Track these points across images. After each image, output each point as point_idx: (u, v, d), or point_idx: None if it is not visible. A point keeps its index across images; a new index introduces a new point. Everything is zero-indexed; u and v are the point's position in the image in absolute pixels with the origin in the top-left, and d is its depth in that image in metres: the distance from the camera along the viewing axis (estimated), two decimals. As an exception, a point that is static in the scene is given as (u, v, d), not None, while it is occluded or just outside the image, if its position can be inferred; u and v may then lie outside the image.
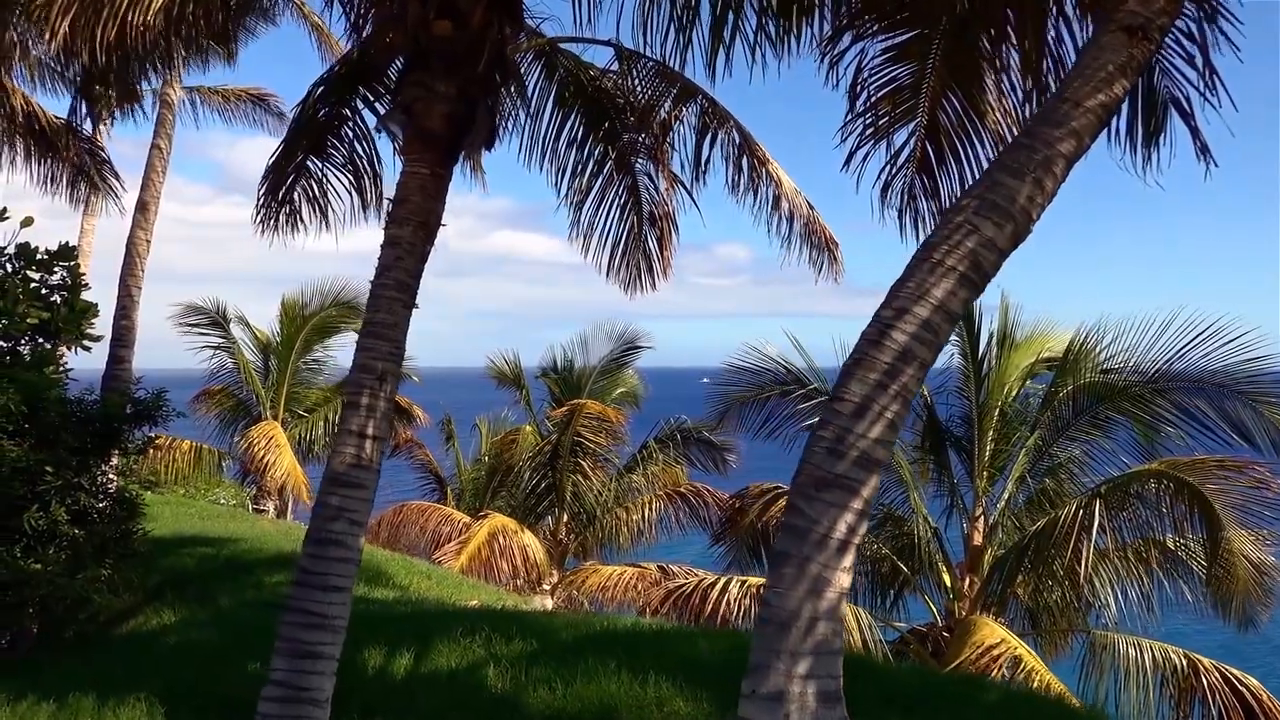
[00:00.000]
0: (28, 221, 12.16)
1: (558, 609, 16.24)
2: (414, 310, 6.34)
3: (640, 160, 9.23)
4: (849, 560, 3.80)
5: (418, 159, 6.37)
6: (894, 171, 7.85)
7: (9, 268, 10.54)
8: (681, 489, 18.94)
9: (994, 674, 9.99)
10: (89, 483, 9.83)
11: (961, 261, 3.82)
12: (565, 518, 19.02)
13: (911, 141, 7.73)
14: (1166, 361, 11.58)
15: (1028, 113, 6.97)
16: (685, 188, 9.26)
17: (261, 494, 20.38)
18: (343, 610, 5.87)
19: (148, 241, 14.47)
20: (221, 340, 21.11)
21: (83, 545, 9.35)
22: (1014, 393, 13.46)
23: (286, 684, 5.66)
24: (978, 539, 12.92)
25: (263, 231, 8.15)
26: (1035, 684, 9.56)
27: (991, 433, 13.12)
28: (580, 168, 9.04)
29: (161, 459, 18.44)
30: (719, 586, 13.08)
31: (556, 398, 19.83)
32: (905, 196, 7.95)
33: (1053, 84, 5.66)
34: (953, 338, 14.37)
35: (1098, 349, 12.56)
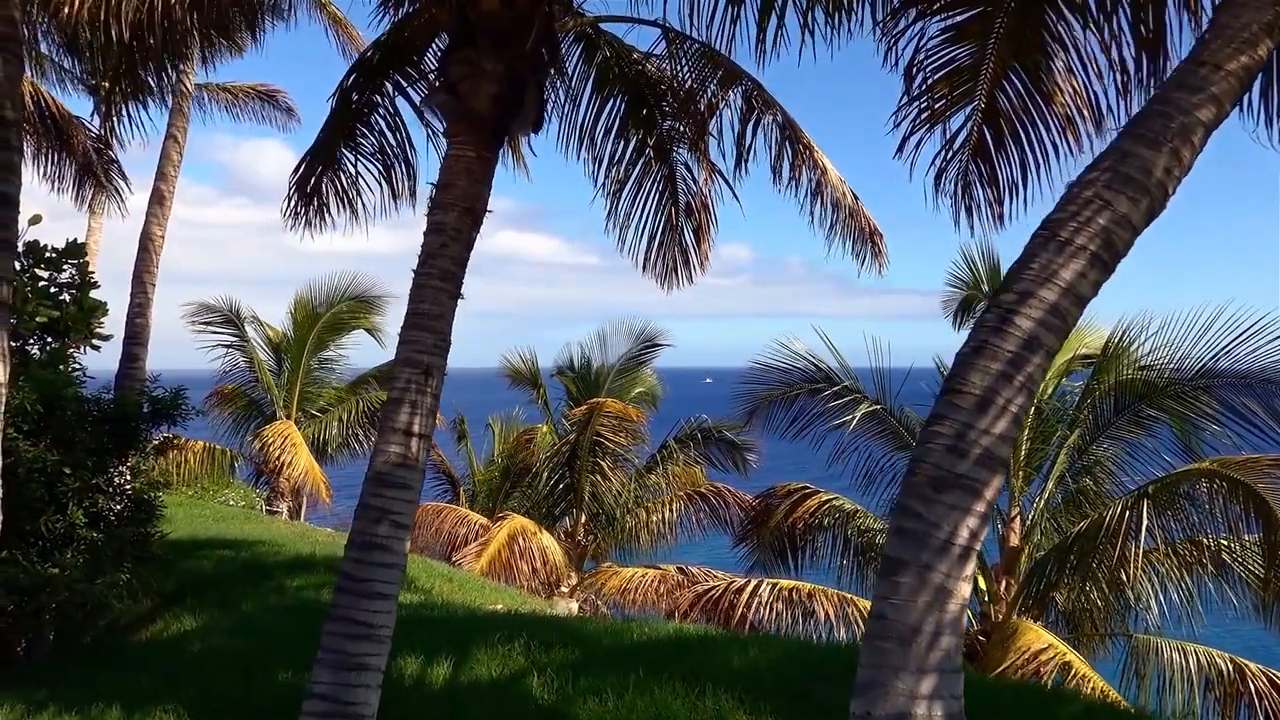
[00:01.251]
0: (36, 219, 11.83)
1: (583, 613, 15.90)
2: (460, 301, 6.01)
3: (679, 149, 8.90)
4: (970, 568, 3.47)
5: (463, 141, 6.04)
6: (948, 158, 7.52)
7: (17, 265, 10.21)
8: (702, 489, 18.59)
9: (1043, 680, 9.66)
10: (106, 484, 9.52)
11: (1092, 240, 3.48)
12: (584, 519, 18.68)
13: (968, 126, 7.40)
14: (1213, 358, 11.24)
15: (1102, 93, 6.68)
16: (725, 178, 8.93)
17: (275, 495, 20.02)
18: (388, 619, 5.54)
19: (162, 236, 14.12)
20: (234, 339, 20.75)
21: (101, 549, 9.03)
22: (1050, 390, 13.12)
23: (331, 698, 5.32)
24: (1014, 540, 12.57)
25: (292, 226, 7.83)
26: (1089, 691, 9.21)
27: (1028, 431, 12.77)
28: (618, 156, 8.71)
29: (174, 459, 18.08)
30: (749, 589, 12.76)
31: (574, 397, 19.46)
32: (959, 184, 7.63)
33: (1174, 56, 5.31)
34: (987, 334, 14.04)
35: (1137, 345, 12.24)
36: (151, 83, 15.52)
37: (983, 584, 12.61)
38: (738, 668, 6.92)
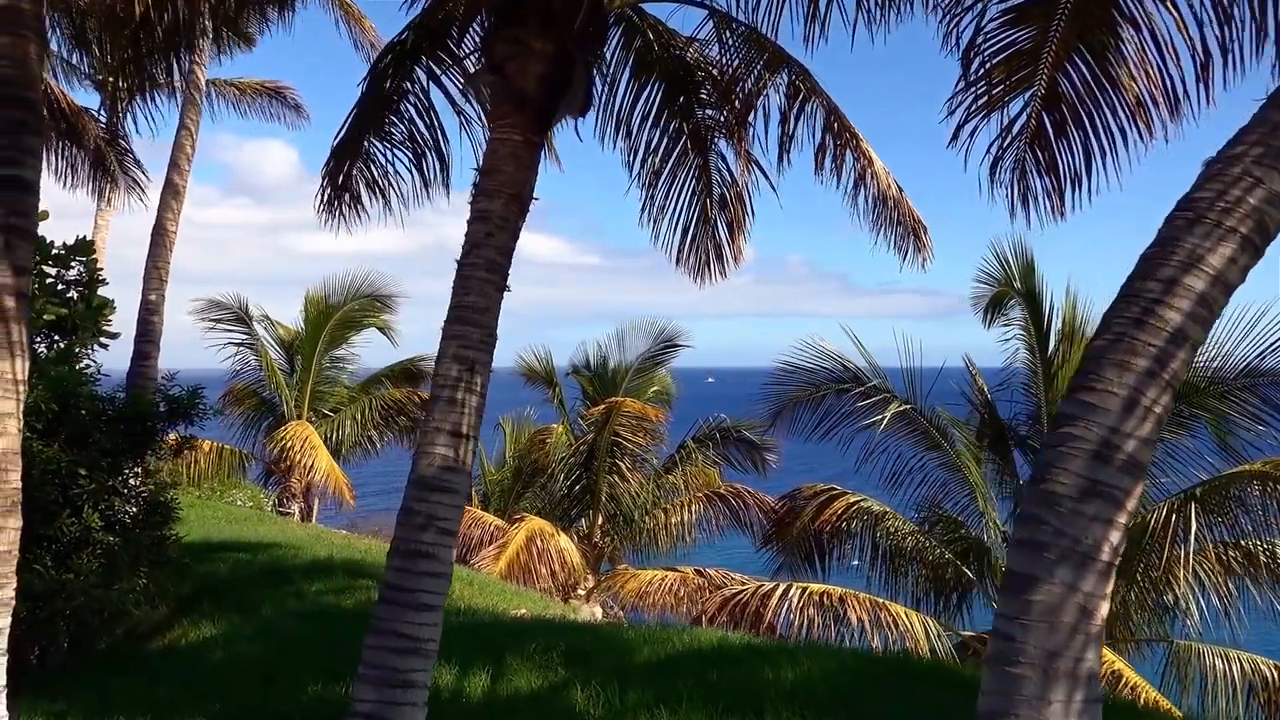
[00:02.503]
0: (42, 215, 11.49)
1: (607, 617, 15.55)
2: (506, 293, 5.67)
3: (716, 139, 8.57)
4: (1110, 586, 3.13)
5: (509, 124, 5.70)
6: (1005, 145, 7.20)
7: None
8: (721, 490, 18.24)
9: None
10: (122, 486, 9.18)
11: (1243, 222, 3.14)
12: (600, 520, 18.33)
13: (1026, 112, 7.07)
14: (1259, 356, 10.95)
15: (1179, 77, 6.35)
16: (762, 170, 8.59)
17: (287, 496, 19.68)
18: (434, 632, 5.20)
19: (175, 230, 13.77)
20: (245, 337, 20.42)
21: (117, 553, 8.68)
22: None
23: (376, 716, 4.98)
24: (1051, 543, 12.22)
25: (325, 220, 7.51)
26: (1143, 702, 8.87)
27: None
28: (654, 145, 8.39)
29: (183, 460, 17.74)
30: (777, 594, 12.42)
31: (590, 396, 19.11)
32: (1016, 172, 7.30)
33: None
34: (1019, 334, 13.69)
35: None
36: (159, 76, 15.18)
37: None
38: (791, 680, 6.58)
